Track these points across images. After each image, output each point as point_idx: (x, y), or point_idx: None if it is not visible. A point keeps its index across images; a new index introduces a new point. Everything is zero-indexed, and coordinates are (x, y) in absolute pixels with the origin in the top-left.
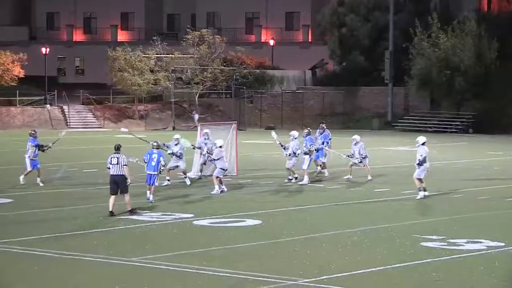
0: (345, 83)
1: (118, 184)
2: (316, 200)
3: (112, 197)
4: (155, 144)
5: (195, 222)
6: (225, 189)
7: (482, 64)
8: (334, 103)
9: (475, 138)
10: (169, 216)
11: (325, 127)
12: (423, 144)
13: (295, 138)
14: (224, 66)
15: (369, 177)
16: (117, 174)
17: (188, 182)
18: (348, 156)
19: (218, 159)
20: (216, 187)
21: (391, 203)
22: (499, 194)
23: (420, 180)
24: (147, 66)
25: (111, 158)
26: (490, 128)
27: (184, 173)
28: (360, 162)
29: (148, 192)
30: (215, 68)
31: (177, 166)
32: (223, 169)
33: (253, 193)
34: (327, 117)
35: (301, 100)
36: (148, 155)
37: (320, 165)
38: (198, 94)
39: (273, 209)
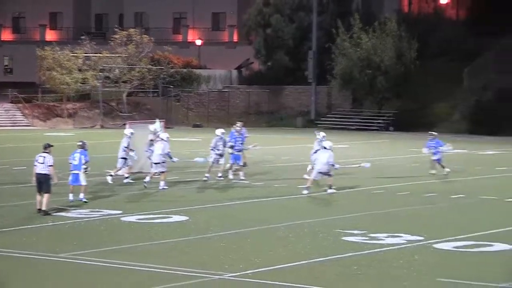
0: (270, 82)
1: (42, 183)
2: (242, 196)
3: (38, 195)
4: (80, 144)
5: (123, 219)
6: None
7: (403, 64)
8: (260, 101)
9: (396, 136)
10: (97, 213)
11: (241, 126)
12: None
13: (222, 136)
14: (152, 65)
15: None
16: (41, 173)
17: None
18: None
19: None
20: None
21: (314, 199)
22: (417, 190)
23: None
24: (76, 65)
25: (39, 156)
26: (410, 126)
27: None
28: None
29: (71, 194)
30: (142, 67)
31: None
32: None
33: (180, 190)
34: (252, 115)
35: (227, 98)
36: (72, 155)
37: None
38: (126, 93)
39: (200, 205)
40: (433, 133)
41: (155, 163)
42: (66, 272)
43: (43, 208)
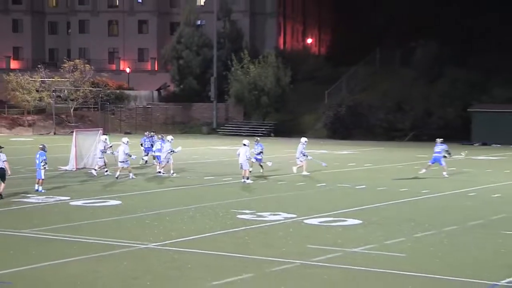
0: (182, 100)
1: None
2: (162, 186)
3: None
4: (41, 146)
5: (71, 203)
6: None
7: (280, 87)
8: (175, 115)
9: (276, 140)
10: (52, 199)
11: (153, 133)
12: (244, 145)
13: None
14: (93, 87)
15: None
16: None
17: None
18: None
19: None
20: (131, 174)
21: (215, 187)
22: (292, 180)
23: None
24: (34, 87)
25: None
26: (286, 132)
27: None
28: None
29: (36, 185)
30: (85, 89)
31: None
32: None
33: (116, 181)
34: (169, 125)
35: (150, 112)
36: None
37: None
38: (73, 108)
39: (130, 192)
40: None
41: (121, 161)
42: (27, 244)
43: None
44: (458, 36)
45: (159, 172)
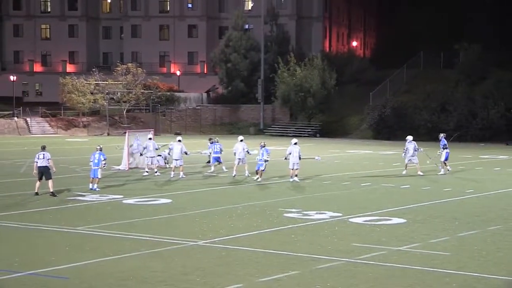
0: (230, 102)
1: (43, 173)
2: (211, 185)
3: (38, 182)
4: (99, 147)
5: (124, 201)
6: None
7: (326, 89)
8: (223, 116)
9: (321, 140)
10: (105, 197)
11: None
12: (295, 144)
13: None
14: (144, 89)
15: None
16: (42, 166)
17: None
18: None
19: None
20: (174, 173)
21: (263, 186)
22: (338, 179)
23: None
24: (88, 89)
25: (39, 154)
26: (331, 133)
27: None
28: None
29: (91, 184)
30: (138, 91)
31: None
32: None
33: (167, 180)
34: (217, 126)
35: (199, 114)
36: (92, 155)
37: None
38: (125, 110)
39: (181, 191)
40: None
41: (176, 159)
42: (82, 240)
43: (51, 190)
44: (502, 37)
45: (235, 174)
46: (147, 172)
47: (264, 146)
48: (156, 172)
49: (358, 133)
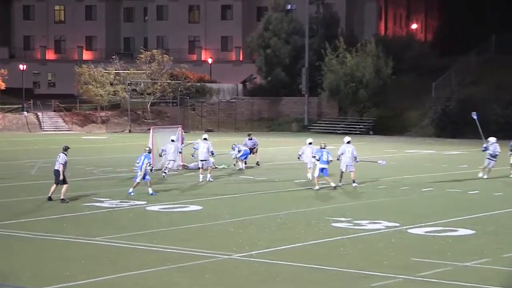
0: (270, 94)
1: (56, 177)
2: (247, 189)
3: (54, 185)
4: (147, 148)
5: (147, 208)
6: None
7: (380, 78)
8: (261, 110)
9: (375, 139)
10: (126, 203)
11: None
12: (348, 143)
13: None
14: (171, 80)
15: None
16: (55, 169)
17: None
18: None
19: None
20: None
21: (308, 192)
22: (394, 184)
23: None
24: (108, 80)
25: (58, 155)
26: (386, 130)
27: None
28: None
29: (150, 189)
30: (163, 82)
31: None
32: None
33: (196, 184)
34: (255, 121)
35: (234, 108)
36: (139, 158)
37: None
38: (150, 103)
39: (212, 197)
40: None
41: (202, 160)
42: (100, 253)
43: (61, 196)
44: None
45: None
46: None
47: (324, 148)
48: (165, 172)
49: (418, 130)
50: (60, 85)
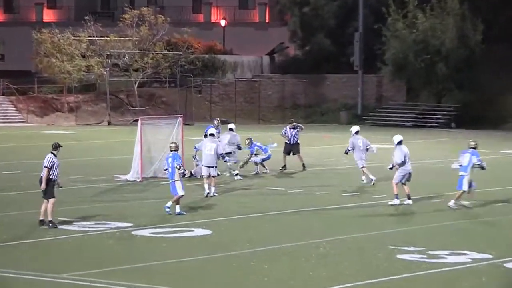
0: (308, 70)
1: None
2: (274, 206)
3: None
4: (172, 145)
5: (134, 232)
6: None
7: (466, 47)
8: (296, 93)
9: (458, 134)
10: (104, 225)
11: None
12: (399, 143)
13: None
14: (168, 50)
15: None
16: (41, 176)
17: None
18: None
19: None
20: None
21: (362, 209)
22: (485, 198)
23: (397, 185)
24: (78, 50)
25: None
26: (475, 122)
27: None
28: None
29: (170, 202)
30: (157, 53)
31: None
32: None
33: (202, 198)
34: (287, 109)
35: (258, 90)
36: (166, 160)
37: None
38: (137, 83)
39: (226, 216)
40: None
41: (207, 166)
42: None
43: (49, 218)
44: None
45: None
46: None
47: (475, 148)
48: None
49: None
50: (12, 58)
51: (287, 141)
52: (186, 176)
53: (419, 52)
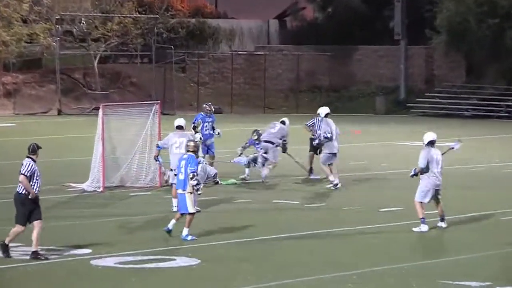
0: (332, 40)
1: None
2: (285, 226)
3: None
4: (190, 144)
5: (94, 262)
6: None
7: None
8: (315, 71)
9: None
10: (54, 252)
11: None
12: (430, 144)
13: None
14: (140, 13)
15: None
16: (17, 192)
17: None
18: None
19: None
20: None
21: (402, 228)
22: None
23: (421, 203)
24: (18, 13)
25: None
26: None
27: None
28: None
29: (174, 220)
30: (125, 16)
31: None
32: None
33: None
34: (303, 93)
35: (263, 66)
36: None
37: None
38: (98, 58)
39: (219, 240)
40: None
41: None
42: None
43: (33, 248)
44: None
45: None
46: None
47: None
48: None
49: None
50: None
51: (313, 136)
52: (199, 192)
53: (482, 16)
